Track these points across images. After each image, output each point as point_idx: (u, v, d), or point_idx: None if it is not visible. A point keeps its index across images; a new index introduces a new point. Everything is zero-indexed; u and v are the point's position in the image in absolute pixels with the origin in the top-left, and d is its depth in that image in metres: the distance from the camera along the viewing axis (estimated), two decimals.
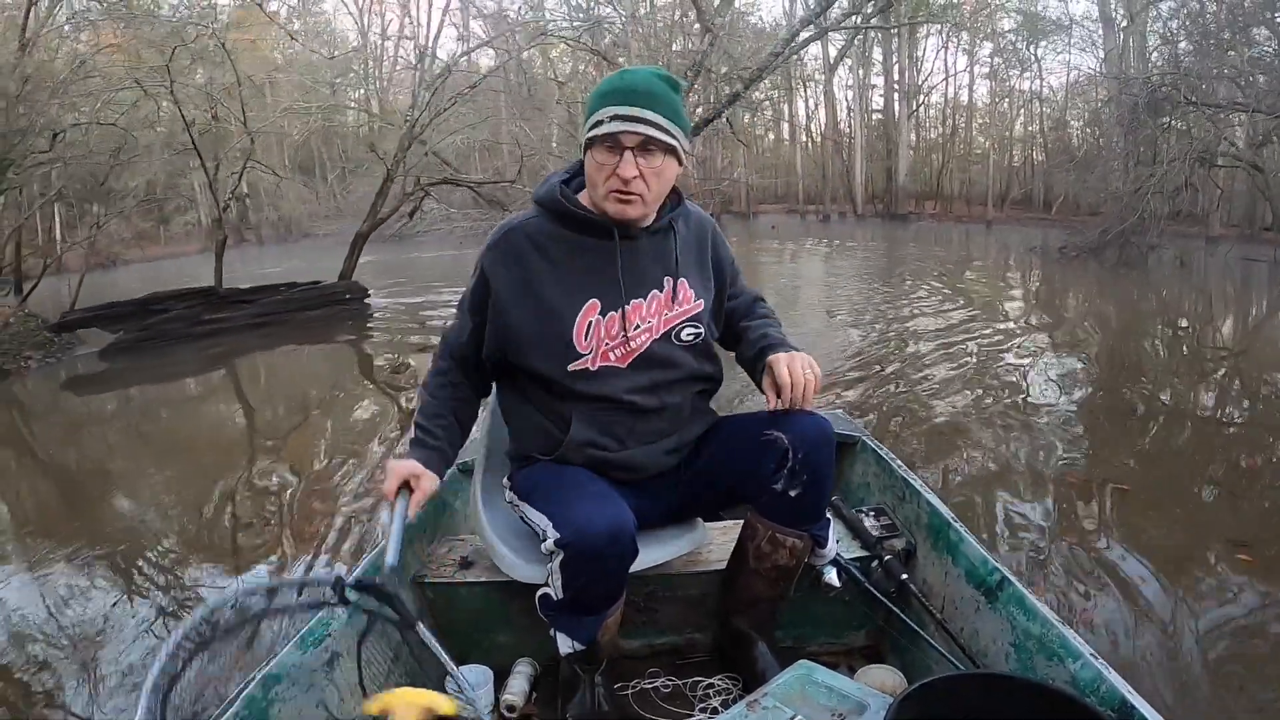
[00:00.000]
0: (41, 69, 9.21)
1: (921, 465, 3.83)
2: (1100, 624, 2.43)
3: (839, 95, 30.44)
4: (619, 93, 1.41)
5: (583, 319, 1.52)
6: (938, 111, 30.85)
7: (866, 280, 12.00)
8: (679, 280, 1.59)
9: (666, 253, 1.59)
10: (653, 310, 1.57)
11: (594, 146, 1.44)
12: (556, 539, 1.40)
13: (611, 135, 1.41)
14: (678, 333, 1.59)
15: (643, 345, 1.55)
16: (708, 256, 1.66)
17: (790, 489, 1.53)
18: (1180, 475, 3.89)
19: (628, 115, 1.40)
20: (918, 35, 26.88)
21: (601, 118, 1.42)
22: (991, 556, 1.65)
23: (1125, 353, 6.83)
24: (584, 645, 1.56)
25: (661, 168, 1.45)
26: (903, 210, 27.15)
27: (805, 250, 18.17)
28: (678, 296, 1.59)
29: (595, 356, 1.53)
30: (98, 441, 5.55)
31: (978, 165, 29.12)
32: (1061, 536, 3.07)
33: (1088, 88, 24.24)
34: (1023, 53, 27.12)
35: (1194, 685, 2.15)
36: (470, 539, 2.02)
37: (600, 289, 1.52)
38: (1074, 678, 1.29)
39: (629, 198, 1.44)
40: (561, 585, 1.45)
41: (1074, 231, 15.21)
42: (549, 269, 1.51)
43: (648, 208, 1.49)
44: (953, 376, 5.68)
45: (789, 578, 1.65)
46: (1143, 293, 10.39)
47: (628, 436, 1.58)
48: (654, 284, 1.57)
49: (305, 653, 1.49)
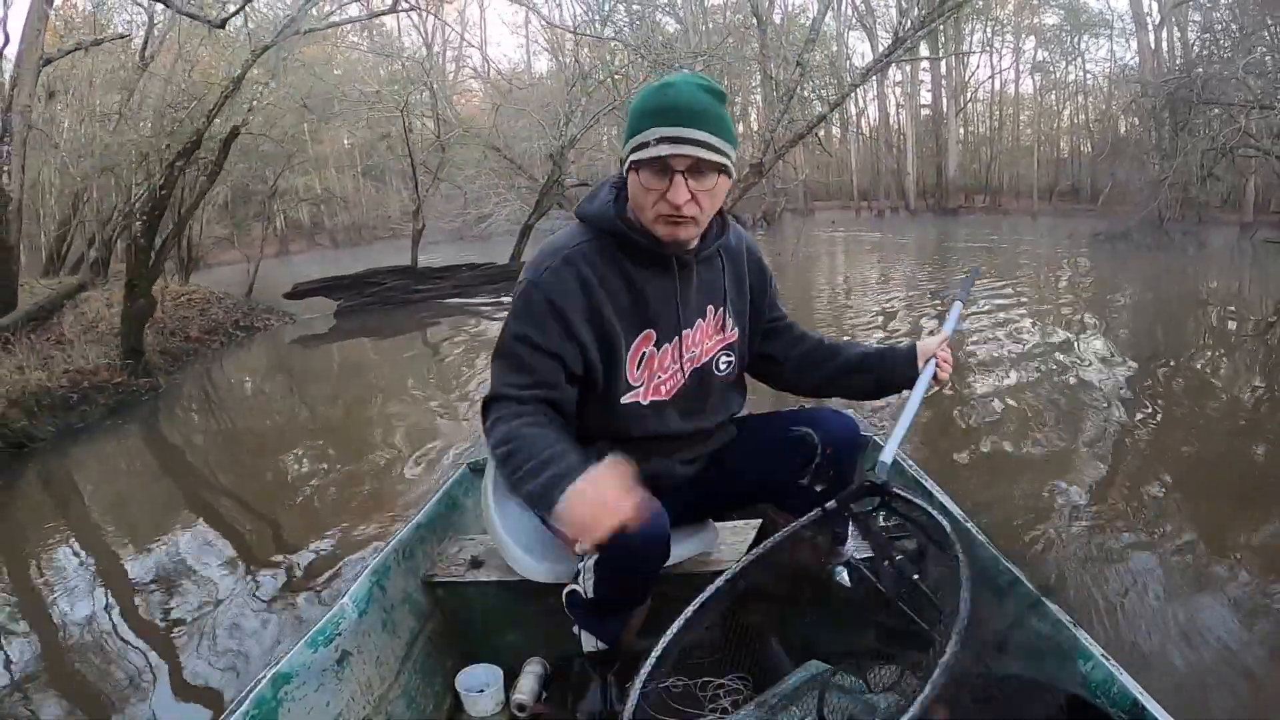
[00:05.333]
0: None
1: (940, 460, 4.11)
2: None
3: (889, 93, 32.57)
4: (665, 111, 1.37)
5: (636, 350, 1.53)
6: (985, 106, 32.77)
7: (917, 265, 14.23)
8: (721, 309, 1.62)
9: (714, 281, 1.61)
10: (698, 339, 1.60)
11: (641, 169, 1.41)
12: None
13: (660, 159, 1.37)
14: (716, 362, 1.64)
15: (687, 374, 1.60)
16: (746, 284, 1.68)
17: (815, 485, 1.60)
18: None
19: (676, 137, 1.36)
20: (963, 31, 28.90)
21: (648, 139, 1.38)
22: (1003, 557, 1.72)
23: (1126, 318, 8.88)
24: (608, 645, 1.62)
25: (714, 188, 1.43)
26: (953, 205, 29.02)
27: (869, 242, 20.46)
28: (719, 326, 1.63)
29: (647, 390, 1.55)
30: (364, 368, 8.17)
31: (1025, 159, 30.92)
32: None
33: (1128, 81, 25.89)
34: (1066, 45, 28.76)
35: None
36: (481, 538, 2.07)
37: (656, 320, 1.53)
38: (1086, 679, 1.33)
39: (682, 220, 1.42)
40: (594, 584, 1.50)
41: (1114, 221, 16.75)
42: (606, 298, 1.49)
43: (700, 229, 1.49)
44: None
45: (806, 575, 1.66)
46: (1153, 270, 12.35)
47: (654, 454, 1.60)
48: (700, 313, 1.60)
49: (315, 651, 1.53)
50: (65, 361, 6.62)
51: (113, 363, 6.78)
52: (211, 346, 9.16)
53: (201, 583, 3.25)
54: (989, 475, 3.93)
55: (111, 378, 6.58)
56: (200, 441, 5.91)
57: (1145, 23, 22.70)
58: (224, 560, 3.47)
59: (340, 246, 29.44)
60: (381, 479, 4.39)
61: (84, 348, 7.14)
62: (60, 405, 6.00)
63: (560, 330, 1.45)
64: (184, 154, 6.65)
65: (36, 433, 5.58)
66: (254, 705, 1.36)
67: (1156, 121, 15.52)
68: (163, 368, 7.49)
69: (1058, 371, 5.88)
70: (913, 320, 8.50)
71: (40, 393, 5.93)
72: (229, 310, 10.52)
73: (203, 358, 8.71)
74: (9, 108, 8.69)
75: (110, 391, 6.47)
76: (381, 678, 1.68)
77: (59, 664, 2.73)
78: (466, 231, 21.82)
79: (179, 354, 8.30)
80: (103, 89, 13.94)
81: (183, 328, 9.03)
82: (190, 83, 11.07)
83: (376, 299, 11.21)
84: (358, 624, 1.66)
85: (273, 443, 5.57)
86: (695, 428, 1.65)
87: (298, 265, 19.49)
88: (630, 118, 1.43)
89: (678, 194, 1.38)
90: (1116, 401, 5.07)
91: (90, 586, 3.34)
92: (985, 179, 31.16)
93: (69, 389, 6.20)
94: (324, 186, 28.35)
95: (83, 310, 9.05)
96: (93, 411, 6.18)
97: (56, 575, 3.49)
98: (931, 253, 16.48)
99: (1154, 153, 16.30)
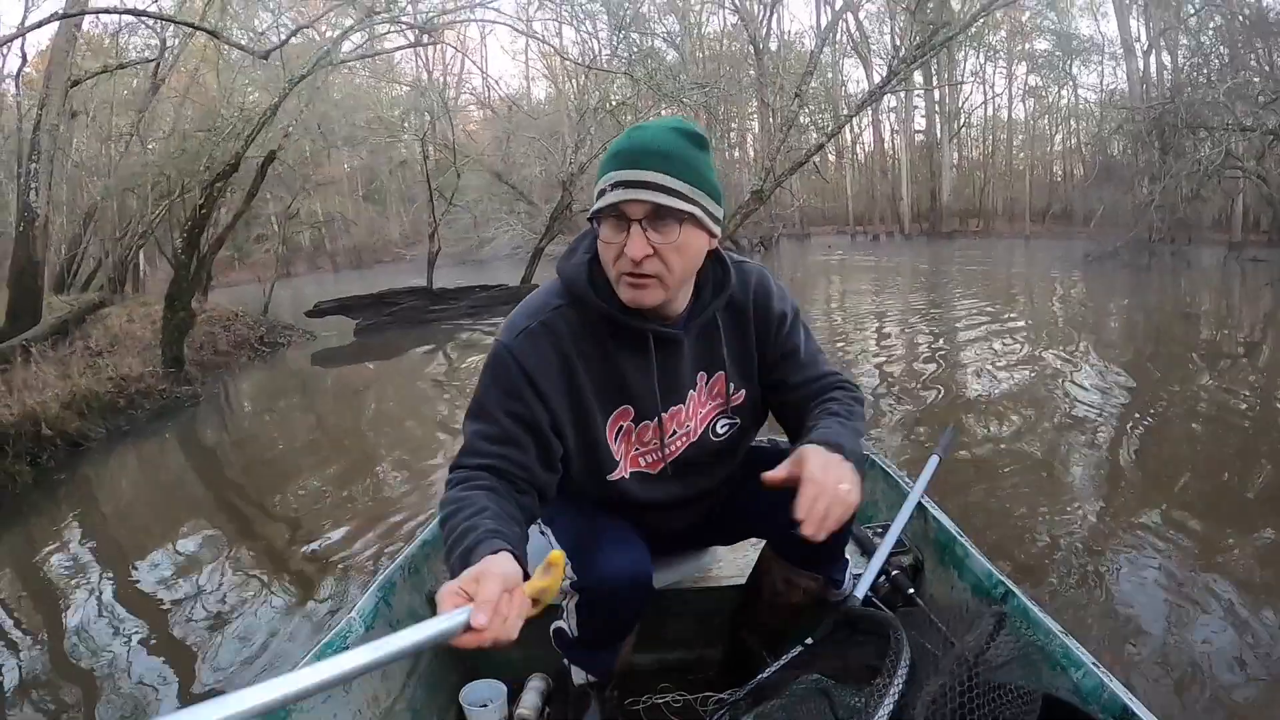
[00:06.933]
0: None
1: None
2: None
3: (883, 119, 33.43)
4: (622, 154, 1.25)
5: (613, 424, 1.43)
6: (979, 131, 33.67)
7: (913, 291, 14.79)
8: (719, 374, 1.49)
9: (710, 350, 1.47)
10: (689, 414, 1.49)
11: (601, 221, 1.28)
12: (574, 581, 1.40)
13: (614, 206, 1.24)
14: (713, 428, 1.52)
15: (678, 451, 1.49)
16: (751, 341, 1.51)
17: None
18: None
19: (630, 180, 1.22)
20: (955, 58, 29.67)
21: (605, 186, 1.25)
22: (996, 570, 1.75)
23: (1114, 336, 9.48)
24: (599, 678, 1.64)
25: (681, 242, 1.26)
26: (947, 229, 29.66)
27: (865, 265, 21.06)
28: (714, 390, 1.51)
29: (625, 464, 1.47)
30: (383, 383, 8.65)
31: (1018, 183, 31.76)
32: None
33: (1118, 106, 26.54)
34: (1059, 70, 29.49)
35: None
36: None
37: (634, 399, 1.42)
38: (1077, 686, 1.37)
39: (643, 282, 1.27)
40: (577, 625, 1.49)
41: (1104, 242, 17.17)
42: (582, 369, 1.37)
43: (670, 291, 1.32)
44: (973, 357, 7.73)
45: (802, 612, 1.65)
46: (1141, 289, 12.71)
47: (650, 516, 1.55)
48: (691, 384, 1.48)
49: None
50: (110, 368, 7.07)
51: (155, 370, 7.24)
52: (239, 360, 9.65)
53: (218, 590, 3.39)
54: (978, 485, 3.99)
55: (156, 385, 7.05)
56: (237, 448, 6.33)
57: (1134, 48, 23.48)
58: (242, 567, 3.66)
59: (340, 269, 29.99)
60: (396, 493, 4.63)
61: (122, 357, 7.60)
62: (108, 409, 6.45)
63: (532, 397, 1.34)
64: (223, 175, 7.13)
65: (90, 433, 6.02)
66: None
67: (1145, 145, 16.13)
68: (198, 378, 7.96)
69: (1047, 385, 6.12)
70: (906, 340, 8.93)
71: (89, 397, 6.37)
72: (251, 326, 11.00)
73: (232, 370, 9.19)
74: (37, 127, 9.19)
75: (156, 397, 6.95)
76: (388, 692, 1.71)
77: (67, 663, 2.88)
78: (469, 256, 22.51)
79: (210, 365, 8.77)
80: (119, 110, 14.52)
81: (210, 342, 9.49)
82: (208, 109, 11.67)
83: (394, 318, 11.71)
84: (364, 639, 1.61)
85: (300, 453, 5.92)
86: (697, 491, 1.57)
87: (301, 287, 20.12)
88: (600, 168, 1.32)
89: (633, 247, 1.23)
90: (1105, 414, 5.27)
91: (114, 587, 3.53)
92: (979, 203, 31.88)
93: (115, 394, 6.66)
94: (326, 211, 28.90)
95: (109, 325, 9.53)
96: (139, 416, 6.66)
97: (83, 571, 3.77)
98: (927, 276, 16.97)
99: (1142, 175, 16.93)
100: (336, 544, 3.73)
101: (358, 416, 7.18)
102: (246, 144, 7.33)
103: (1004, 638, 1.37)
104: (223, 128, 10.54)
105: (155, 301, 10.10)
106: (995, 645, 1.35)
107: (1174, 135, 14.75)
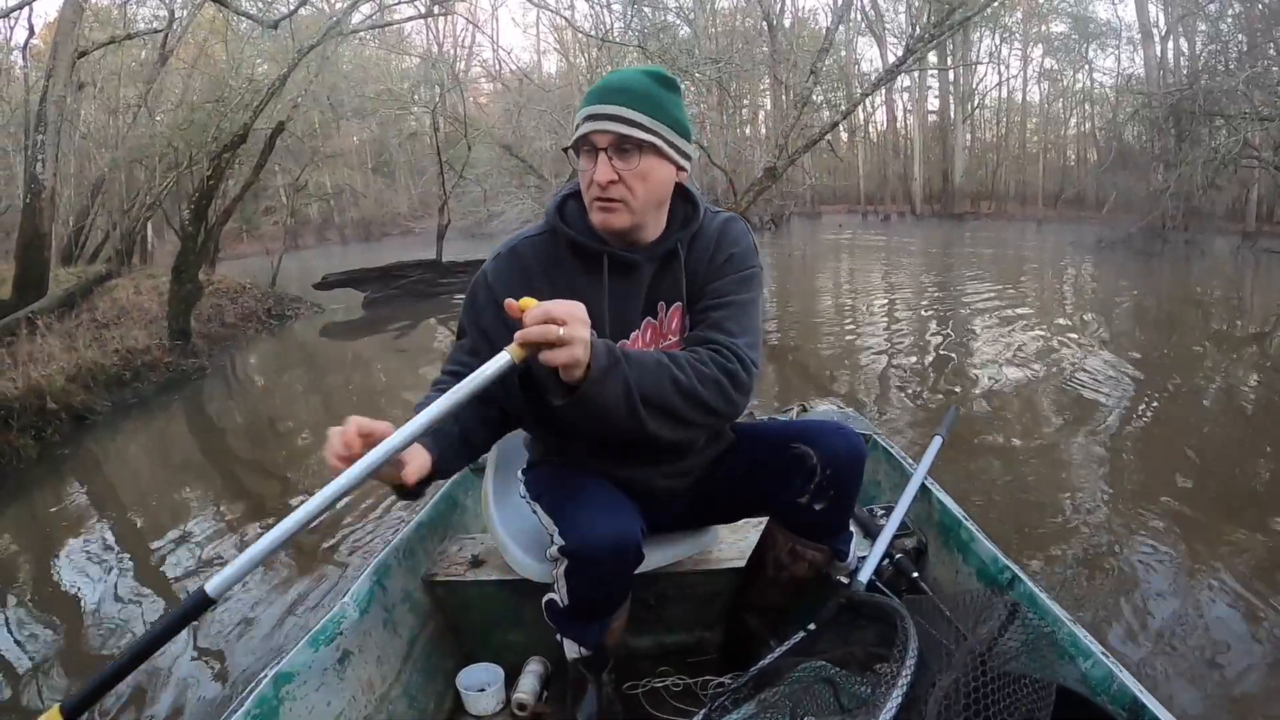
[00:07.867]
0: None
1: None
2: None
3: (897, 99, 33.16)
4: (595, 92, 1.39)
5: None
6: (992, 113, 33.35)
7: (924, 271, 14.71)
8: (674, 306, 1.52)
9: (669, 279, 1.51)
10: (643, 344, 1.51)
11: (578, 154, 1.41)
12: (561, 546, 1.43)
13: (584, 137, 1.38)
14: None
15: None
16: (715, 274, 1.51)
17: (815, 503, 1.56)
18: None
19: (597, 114, 1.36)
20: (971, 39, 29.41)
21: (579, 120, 1.40)
22: (1002, 554, 1.73)
23: (1125, 323, 9.36)
24: (590, 651, 1.63)
25: (643, 169, 1.38)
26: (959, 210, 29.41)
27: (875, 245, 20.92)
28: (672, 324, 1.52)
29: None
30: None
31: (1031, 166, 31.53)
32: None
33: (1134, 92, 26.25)
34: (1074, 54, 29.19)
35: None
36: (481, 537, 2.09)
37: (592, 322, 1.36)
38: (1085, 676, 1.35)
39: (610, 205, 1.39)
40: (566, 592, 1.49)
41: (1117, 229, 17.08)
42: (546, 290, 1.36)
43: (637, 216, 1.42)
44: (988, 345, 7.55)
45: (805, 587, 1.69)
46: (1153, 276, 12.68)
47: (629, 458, 1.55)
48: (649, 312, 1.51)
49: (317, 651, 1.56)
50: (116, 341, 7.09)
51: (162, 343, 7.25)
52: (246, 332, 9.67)
53: (223, 564, 3.37)
54: (985, 471, 3.98)
55: (162, 357, 7.07)
56: (243, 421, 6.36)
57: (1151, 34, 23.16)
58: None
59: (349, 242, 29.97)
60: None
61: (128, 330, 7.62)
62: (114, 381, 6.48)
63: (495, 315, 1.40)
64: (231, 146, 7.10)
65: (95, 406, 6.04)
66: (256, 704, 1.38)
67: (1161, 132, 15.93)
68: (205, 350, 7.98)
69: (1055, 370, 6.06)
70: (913, 320, 8.90)
71: (95, 370, 6.39)
72: (259, 299, 11.02)
73: (239, 342, 9.21)
74: (44, 99, 9.16)
75: (162, 370, 6.97)
76: (383, 677, 1.70)
77: (72, 636, 2.91)
78: (478, 229, 22.41)
79: (217, 338, 8.79)
80: (126, 81, 14.45)
81: (218, 314, 9.51)
82: (216, 80, 11.59)
83: (402, 291, 11.70)
84: (359, 623, 1.68)
85: (307, 426, 5.95)
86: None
87: (309, 259, 20.02)
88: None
89: (600, 172, 1.36)
90: (1113, 400, 5.24)
91: (119, 562, 3.54)
92: (991, 185, 31.65)
93: (121, 367, 6.68)
94: (335, 183, 28.91)
95: (116, 297, 9.54)
96: (145, 388, 6.69)
97: (87, 545, 3.77)
98: (936, 257, 16.85)
99: (1158, 162, 16.74)
100: (340, 514, 3.71)
101: (365, 389, 7.18)
102: (255, 115, 7.29)
103: (1014, 628, 1.37)
104: (231, 99, 10.44)
105: (162, 274, 10.10)
106: (1007, 636, 1.36)
107: (1190, 122, 14.54)
